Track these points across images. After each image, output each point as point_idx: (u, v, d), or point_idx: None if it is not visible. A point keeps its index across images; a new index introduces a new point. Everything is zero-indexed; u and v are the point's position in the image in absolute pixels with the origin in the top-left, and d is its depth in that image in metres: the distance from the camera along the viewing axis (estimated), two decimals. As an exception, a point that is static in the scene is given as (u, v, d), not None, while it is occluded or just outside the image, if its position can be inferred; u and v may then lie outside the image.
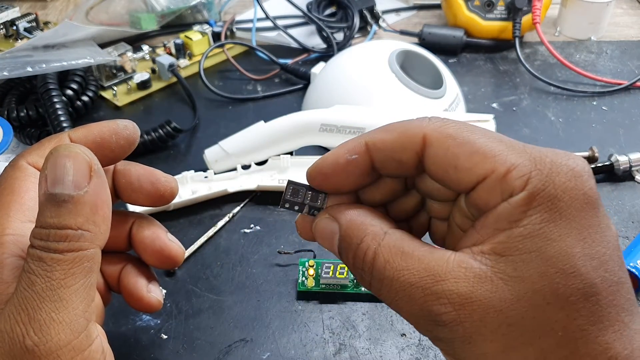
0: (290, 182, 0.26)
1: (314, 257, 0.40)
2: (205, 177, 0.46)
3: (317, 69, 0.57)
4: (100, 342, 0.24)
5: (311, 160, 0.47)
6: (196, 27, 0.64)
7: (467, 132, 0.23)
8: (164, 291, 0.38)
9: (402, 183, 0.26)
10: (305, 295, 0.38)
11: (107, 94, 0.58)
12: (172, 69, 0.59)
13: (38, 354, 0.21)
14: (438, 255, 0.22)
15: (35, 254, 0.22)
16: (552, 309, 0.20)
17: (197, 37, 0.62)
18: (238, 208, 0.45)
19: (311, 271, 0.38)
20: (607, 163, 0.47)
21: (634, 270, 0.37)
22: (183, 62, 0.61)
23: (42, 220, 0.22)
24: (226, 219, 0.44)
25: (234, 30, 0.67)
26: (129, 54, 0.59)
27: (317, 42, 0.65)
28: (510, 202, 0.21)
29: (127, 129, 0.28)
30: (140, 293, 0.31)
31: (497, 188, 0.22)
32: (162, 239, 0.31)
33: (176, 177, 0.45)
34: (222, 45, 0.62)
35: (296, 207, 0.26)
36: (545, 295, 0.20)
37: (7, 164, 0.27)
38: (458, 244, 0.23)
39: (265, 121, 0.47)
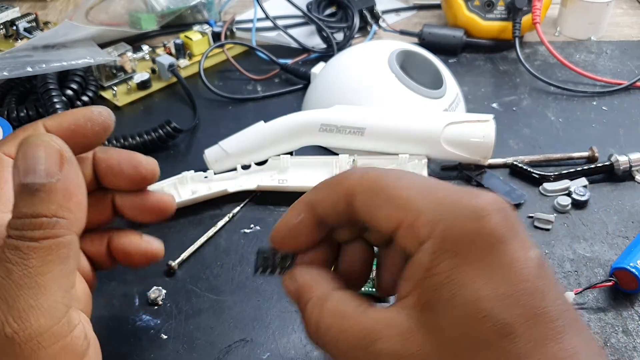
0: (259, 251, 0.29)
1: (314, 257, 0.40)
2: (205, 177, 0.46)
3: (317, 69, 0.57)
4: (83, 329, 0.24)
5: (311, 160, 0.47)
6: (196, 27, 0.64)
7: (384, 181, 0.24)
8: (164, 291, 0.38)
9: (354, 232, 0.27)
10: (305, 295, 0.38)
11: (107, 94, 0.58)
12: (172, 69, 0.59)
13: (18, 341, 0.21)
14: (373, 315, 0.23)
15: (11, 244, 0.22)
16: (469, 355, 0.20)
17: (197, 37, 0.62)
18: (238, 208, 0.45)
19: (311, 271, 0.38)
20: (607, 163, 0.47)
21: (634, 270, 0.37)
22: (183, 62, 0.61)
23: (17, 211, 0.23)
24: (226, 219, 0.44)
25: (234, 30, 0.67)
26: (129, 54, 0.59)
27: (317, 42, 0.65)
28: (421, 251, 0.22)
29: (102, 115, 0.28)
30: (139, 245, 0.31)
31: (410, 236, 0.22)
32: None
33: (176, 177, 0.45)
34: (222, 45, 0.62)
35: (269, 270, 0.28)
36: (462, 342, 0.20)
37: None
38: (397, 296, 0.24)
39: (265, 121, 0.47)
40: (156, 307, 0.37)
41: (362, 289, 0.37)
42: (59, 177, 0.23)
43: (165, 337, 0.36)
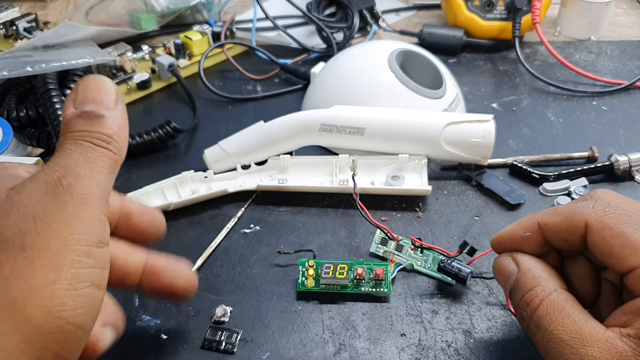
0: None
1: (314, 257, 0.40)
2: (205, 177, 0.46)
3: (317, 69, 0.57)
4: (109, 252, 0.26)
5: (311, 160, 0.47)
6: (196, 27, 0.64)
7: (623, 225, 0.27)
8: (229, 309, 0.38)
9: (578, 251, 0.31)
10: (305, 296, 0.38)
11: (107, 94, 0.57)
12: (172, 69, 0.59)
13: (70, 190, 0.24)
14: (591, 325, 0.26)
15: (72, 137, 0.25)
16: None
17: (196, 37, 0.62)
18: (242, 210, 0.45)
19: (311, 271, 0.38)
20: (607, 163, 0.47)
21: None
22: (183, 62, 0.61)
23: (76, 129, 0.26)
24: (234, 220, 0.44)
25: (234, 30, 0.67)
26: (129, 54, 0.59)
27: (317, 42, 0.65)
28: None
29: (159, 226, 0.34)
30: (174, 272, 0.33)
31: None
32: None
33: (176, 177, 0.45)
34: (222, 45, 0.62)
35: None
36: None
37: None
38: (606, 320, 0.27)
39: (265, 121, 0.47)
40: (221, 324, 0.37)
41: (362, 289, 0.38)
42: (117, 110, 0.27)
43: (165, 337, 0.36)
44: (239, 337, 0.35)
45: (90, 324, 0.24)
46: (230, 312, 0.37)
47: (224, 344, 0.35)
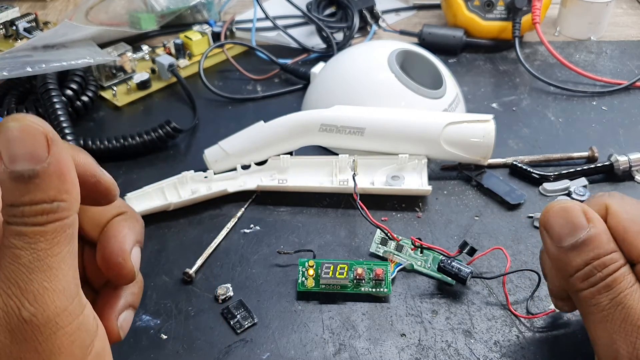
0: None
1: (314, 257, 0.40)
2: (205, 177, 0.46)
3: (317, 69, 0.57)
4: (90, 307, 0.24)
5: (311, 160, 0.47)
6: (196, 27, 0.64)
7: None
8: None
9: None
10: (305, 296, 0.38)
11: (106, 94, 0.58)
12: (172, 69, 0.59)
13: (36, 324, 0.21)
14: None
15: (14, 230, 0.22)
16: None
17: (196, 37, 0.62)
18: (242, 210, 0.45)
19: (311, 271, 0.38)
20: (606, 163, 0.47)
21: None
22: (183, 62, 0.61)
23: (13, 199, 0.22)
24: (234, 220, 0.44)
25: (234, 30, 0.67)
26: (129, 54, 0.59)
27: (316, 42, 0.65)
28: None
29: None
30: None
31: None
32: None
33: (176, 177, 0.45)
34: (221, 45, 0.62)
35: None
36: None
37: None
38: None
39: (265, 121, 0.47)
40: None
41: (362, 289, 0.38)
42: (50, 161, 0.21)
43: (165, 337, 0.36)
44: (250, 323, 0.36)
45: None
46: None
47: (235, 320, 0.36)
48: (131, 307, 0.28)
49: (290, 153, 0.48)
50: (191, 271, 0.39)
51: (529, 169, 0.47)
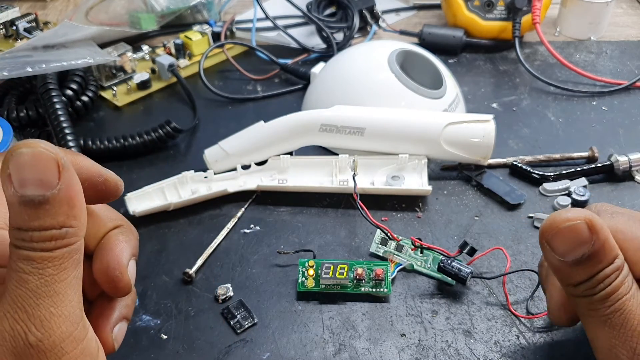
0: None
1: (314, 257, 0.40)
2: (205, 177, 0.46)
3: (317, 69, 0.57)
4: (92, 330, 0.24)
5: (311, 160, 0.47)
6: (196, 27, 0.64)
7: (635, 229, 0.28)
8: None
9: None
10: (305, 296, 0.38)
11: (107, 94, 0.58)
12: (172, 69, 0.59)
13: (42, 349, 0.21)
14: None
15: (22, 254, 0.22)
16: None
17: (197, 37, 0.62)
18: (242, 210, 0.45)
19: (311, 271, 0.38)
20: (607, 163, 0.47)
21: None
22: (183, 62, 0.61)
23: (22, 223, 0.22)
24: (234, 220, 0.44)
25: (234, 30, 0.67)
26: (129, 54, 0.59)
27: (317, 42, 0.65)
28: None
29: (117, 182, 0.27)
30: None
31: None
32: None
33: (176, 177, 0.45)
34: (222, 45, 0.62)
35: None
36: None
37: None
38: None
39: (265, 121, 0.47)
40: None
41: (362, 289, 0.38)
42: (60, 187, 0.21)
43: (165, 337, 0.36)
44: (250, 323, 0.36)
45: None
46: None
47: (235, 320, 0.36)
48: (125, 319, 0.28)
49: (290, 153, 0.48)
50: (191, 271, 0.39)
51: (529, 169, 0.47)
